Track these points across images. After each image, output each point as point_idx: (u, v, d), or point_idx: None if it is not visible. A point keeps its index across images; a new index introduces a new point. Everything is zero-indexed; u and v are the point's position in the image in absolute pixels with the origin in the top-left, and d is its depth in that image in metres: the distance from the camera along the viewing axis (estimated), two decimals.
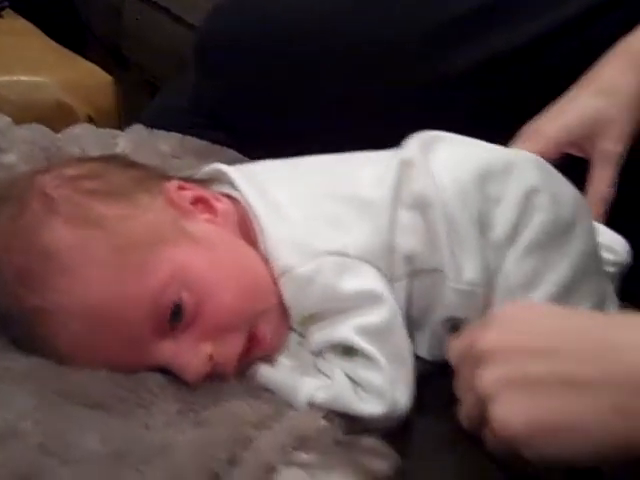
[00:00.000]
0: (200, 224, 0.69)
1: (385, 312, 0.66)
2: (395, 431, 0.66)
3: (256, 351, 0.67)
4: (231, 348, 0.66)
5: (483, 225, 0.70)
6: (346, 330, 0.65)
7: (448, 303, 0.69)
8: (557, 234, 0.70)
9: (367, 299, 0.66)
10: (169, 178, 0.72)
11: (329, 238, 0.67)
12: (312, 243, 0.67)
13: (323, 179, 0.74)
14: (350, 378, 0.64)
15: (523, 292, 0.69)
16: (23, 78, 1.41)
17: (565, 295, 0.69)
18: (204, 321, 0.65)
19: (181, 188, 0.70)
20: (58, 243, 0.63)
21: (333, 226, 0.69)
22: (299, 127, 0.75)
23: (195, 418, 0.61)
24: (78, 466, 0.55)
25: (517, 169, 0.72)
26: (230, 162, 0.78)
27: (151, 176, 0.72)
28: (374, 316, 0.65)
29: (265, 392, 0.66)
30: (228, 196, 0.72)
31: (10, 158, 0.87)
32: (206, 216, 0.70)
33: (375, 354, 0.64)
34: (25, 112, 1.02)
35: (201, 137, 0.99)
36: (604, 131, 0.80)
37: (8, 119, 0.93)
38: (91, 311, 0.62)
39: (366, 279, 0.66)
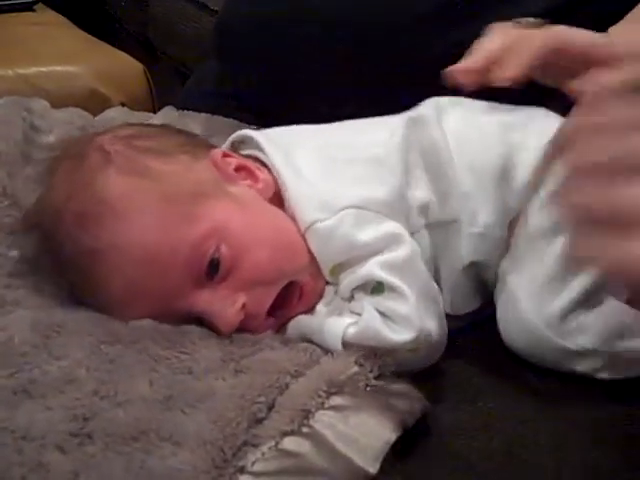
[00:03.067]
0: (242, 188, 0.73)
1: (407, 249, 0.69)
2: (425, 376, 0.68)
3: (290, 307, 0.71)
4: (263, 300, 0.69)
5: (506, 169, 0.72)
6: (370, 266, 0.68)
7: (467, 249, 0.73)
8: None
9: (388, 240, 0.69)
10: (214, 147, 0.77)
11: (349, 194, 0.71)
12: (333, 199, 0.70)
13: (342, 140, 0.78)
14: (379, 311, 0.67)
15: (544, 238, 0.70)
16: (57, 68, 1.45)
17: None
18: (240, 275, 0.69)
19: (226, 155, 0.75)
20: (111, 190, 0.69)
21: (352, 183, 0.72)
22: (316, 105, 0.78)
23: (235, 366, 0.64)
24: (130, 408, 0.59)
25: (538, 121, 0.74)
26: None
27: (199, 143, 0.77)
28: (397, 252, 0.68)
29: (302, 343, 0.68)
30: (255, 158, 0.77)
31: (49, 138, 0.92)
32: (247, 182, 0.74)
33: (401, 285, 0.67)
34: (61, 101, 1.05)
35: (227, 117, 1.02)
36: None
37: (46, 103, 0.97)
38: (138, 253, 0.67)
39: (385, 226, 0.70)
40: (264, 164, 0.76)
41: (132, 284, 0.68)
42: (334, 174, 0.73)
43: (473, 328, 0.77)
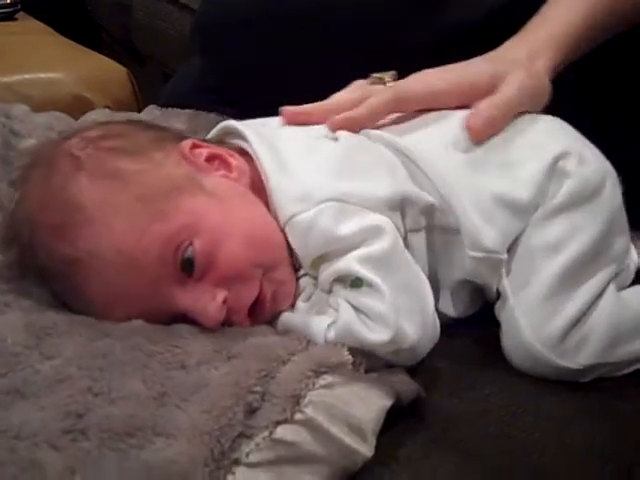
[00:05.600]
0: (214, 179, 0.72)
1: (386, 242, 0.67)
2: (420, 368, 0.68)
3: (269, 304, 0.70)
4: (244, 296, 0.69)
5: (504, 188, 0.71)
6: (348, 261, 0.67)
7: (465, 267, 0.71)
8: (585, 197, 0.71)
9: (369, 233, 0.68)
10: (185, 138, 0.76)
11: (330, 186, 0.70)
12: (315, 192, 0.69)
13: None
14: (354, 307, 0.66)
15: (544, 255, 0.70)
16: (41, 75, 1.45)
17: (588, 259, 0.71)
18: (218, 270, 0.68)
19: (195, 146, 0.74)
20: (83, 197, 0.68)
21: (339, 176, 0.71)
22: (299, 99, 0.78)
23: (227, 353, 0.64)
24: (124, 404, 0.59)
25: (545, 134, 0.74)
26: None
27: (169, 136, 0.76)
28: (375, 246, 0.67)
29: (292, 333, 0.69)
30: (240, 149, 0.76)
31: (29, 142, 0.92)
32: (221, 172, 0.73)
33: (377, 281, 0.66)
34: (45, 108, 1.05)
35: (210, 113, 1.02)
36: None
37: (26, 107, 0.97)
38: (115, 257, 0.67)
39: (367, 219, 0.68)
40: (249, 155, 0.75)
41: (112, 289, 0.68)
42: (320, 165, 0.72)
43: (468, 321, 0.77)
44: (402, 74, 0.80)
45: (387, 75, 0.79)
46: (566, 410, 0.68)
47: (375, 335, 0.65)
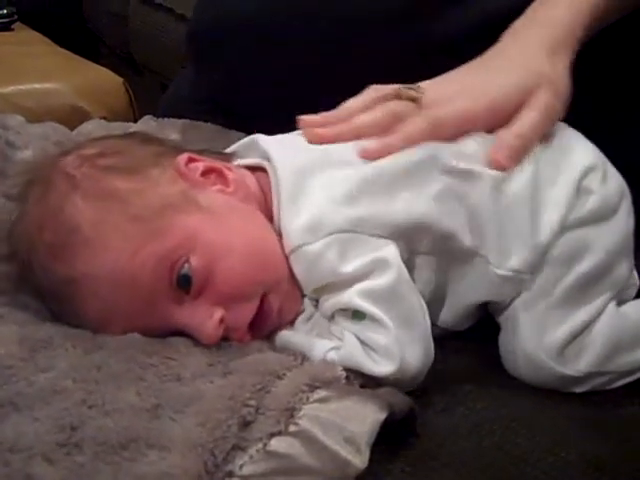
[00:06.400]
0: (210, 194, 0.72)
1: (391, 276, 0.67)
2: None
3: (268, 322, 0.70)
4: (242, 315, 0.69)
5: (535, 207, 0.71)
6: (351, 294, 0.67)
7: (489, 287, 0.71)
8: (604, 214, 0.72)
9: (374, 266, 0.67)
10: (182, 151, 0.75)
11: (344, 215, 0.68)
12: (325, 222, 0.68)
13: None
14: (360, 340, 0.66)
15: (556, 269, 0.70)
16: (37, 86, 1.45)
17: (597, 276, 0.71)
18: (215, 288, 0.68)
19: (191, 160, 0.73)
20: (79, 217, 0.68)
21: (352, 200, 0.69)
22: (295, 108, 0.78)
23: (223, 369, 0.64)
24: (118, 416, 0.59)
25: (572, 150, 0.74)
26: None
27: (166, 151, 0.75)
28: (379, 280, 0.67)
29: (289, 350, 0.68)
30: (258, 167, 0.75)
31: (26, 154, 0.91)
32: (218, 187, 0.73)
33: (380, 316, 0.66)
34: (41, 119, 1.05)
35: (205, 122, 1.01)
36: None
37: (21, 118, 0.97)
38: (112, 277, 0.67)
39: (373, 252, 0.67)
40: (263, 170, 0.74)
41: (109, 308, 0.68)
42: (337, 194, 0.69)
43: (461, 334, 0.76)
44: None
45: (416, 90, 0.74)
46: (560, 423, 0.68)
47: (380, 368, 0.65)
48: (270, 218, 0.72)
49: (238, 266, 0.68)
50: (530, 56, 0.75)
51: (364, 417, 0.61)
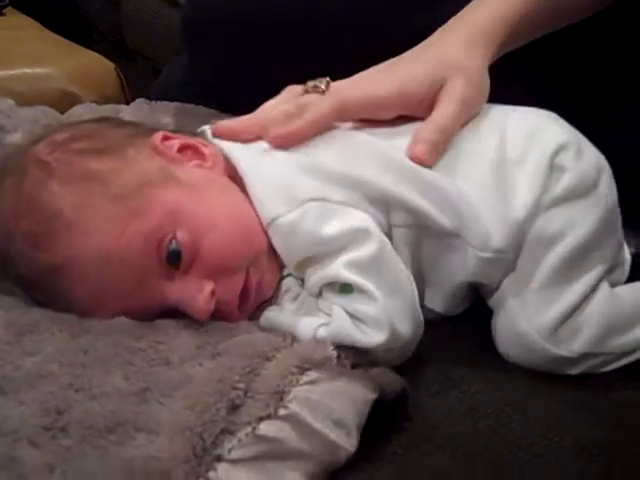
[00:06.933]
0: (188, 169, 0.72)
1: (373, 246, 0.67)
2: (408, 365, 0.68)
3: (249, 296, 0.70)
4: (231, 287, 0.69)
5: (504, 188, 0.71)
6: (337, 267, 0.66)
7: (472, 269, 0.71)
8: (581, 191, 0.71)
9: (354, 236, 0.67)
10: (156, 131, 0.74)
11: (311, 184, 0.69)
12: (296, 191, 0.69)
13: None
14: (348, 313, 0.66)
15: (541, 248, 0.70)
16: (27, 70, 1.44)
17: (584, 252, 0.71)
18: (203, 260, 0.68)
19: (166, 138, 0.73)
20: (58, 203, 0.67)
21: (318, 175, 0.70)
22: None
23: (212, 350, 0.63)
24: (105, 400, 0.58)
25: (541, 130, 0.73)
26: None
27: (140, 132, 0.75)
28: (362, 250, 0.67)
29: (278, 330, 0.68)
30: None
31: (15, 137, 0.91)
32: (195, 162, 0.73)
33: (368, 286, 0.66)
34: (32, 103, 1.05)
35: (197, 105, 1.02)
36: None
37: (11, 102, 0.97)
38: (98, 259, 0.66)
39: (350, 219, 0.68)
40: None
41: (100, 290, 0.67)
42: (301, 163, 0.71)
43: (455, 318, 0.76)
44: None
45: (322, 82, 0.76)
46: (554, 407, 0.68)
47: (370, 338, 0.65)
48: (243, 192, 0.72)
49: (225, 238, 0.68)
50: (448, 49, 0.76)
51: (354, 397, 0.60)
